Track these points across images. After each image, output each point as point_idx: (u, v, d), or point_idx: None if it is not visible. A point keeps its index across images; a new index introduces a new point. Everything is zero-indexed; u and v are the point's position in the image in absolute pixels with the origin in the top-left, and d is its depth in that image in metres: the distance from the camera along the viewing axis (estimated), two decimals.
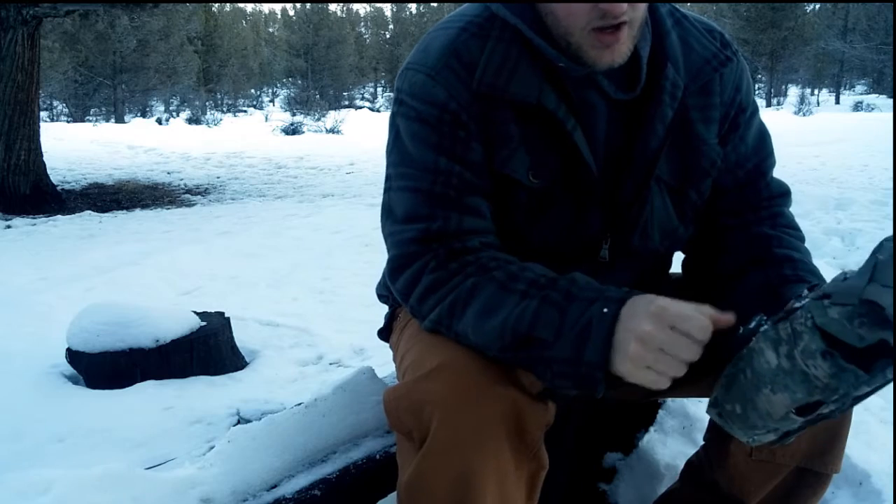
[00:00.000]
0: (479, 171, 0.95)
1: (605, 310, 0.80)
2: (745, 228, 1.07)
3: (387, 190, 0.99)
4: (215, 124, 24.58)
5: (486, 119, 0.94)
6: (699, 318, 0.77)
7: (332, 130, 19.64)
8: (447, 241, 0.92)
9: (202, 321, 2.56)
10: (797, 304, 0.74)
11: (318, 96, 32.53)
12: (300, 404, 1.19)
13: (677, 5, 1.06)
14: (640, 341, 0.77)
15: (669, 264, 1.20)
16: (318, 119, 22.27)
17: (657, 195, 1.01)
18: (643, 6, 0.90)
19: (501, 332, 0.85)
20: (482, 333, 0.86)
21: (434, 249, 0.92)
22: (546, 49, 0.92)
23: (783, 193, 1.11)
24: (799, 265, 1.00)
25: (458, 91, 0.93)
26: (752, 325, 0.79)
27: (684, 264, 1.16)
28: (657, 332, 0.76)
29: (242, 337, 2.78)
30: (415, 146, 0.95)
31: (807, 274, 0.98)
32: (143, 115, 34.67)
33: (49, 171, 7.40)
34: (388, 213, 0.98)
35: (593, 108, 0.97)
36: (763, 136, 1.11)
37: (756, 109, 1.10)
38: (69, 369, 2.43)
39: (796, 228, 1.08)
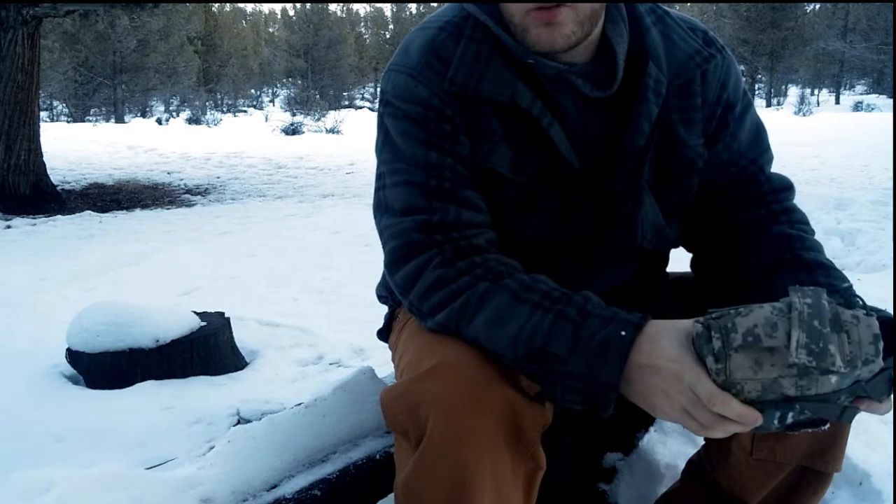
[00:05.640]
0: (469, 164, 0.96)
1: (623, 333, 0.80)
2: (762, 226, 1.05)
3: (380, 188, 0.99)
4: (215, 124, 24.59)
5: (468, 113, 0.95)
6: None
7: (331, 130, 19.65)
8: (448, 232, 0.92)
9: (202, 321, 2.56)
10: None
11: (317, 96, 32.50)
12: (300, 404, 1.19)
13: (660, 3, 1.06)
14: (655, 372, 0.78)
15: (665, 264, 1.19)
16: (318, 119, 22.28)
17: (646, 193, 1.02)
18: None
19: (514, 343, 0.84)
20: (493, 341, 0.86)
21: (438, 243, 0.92)
22: (514, 47, 0.93)
23: (787, 187, 1.10)
24: (831, 273, 0.99)
25: (439, 88, 0.95)
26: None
27: (694, 264, 1.15)
28: (669, 367, 0.77)
29: (242, 337, 2.78)
30: (405, 143, 0.96)
31: (838, 282, 0.97)
32: (143, 115, 34.69)
33: (49, 171, 7.40)
34: (385, 209, 0.97)
35: (570, 106, 0.98)
36: (758, 132, 1.10)
37: (749, 104, 1.08)
38: (69, 369, 2.43)
39: (808, 224, 1.08)
